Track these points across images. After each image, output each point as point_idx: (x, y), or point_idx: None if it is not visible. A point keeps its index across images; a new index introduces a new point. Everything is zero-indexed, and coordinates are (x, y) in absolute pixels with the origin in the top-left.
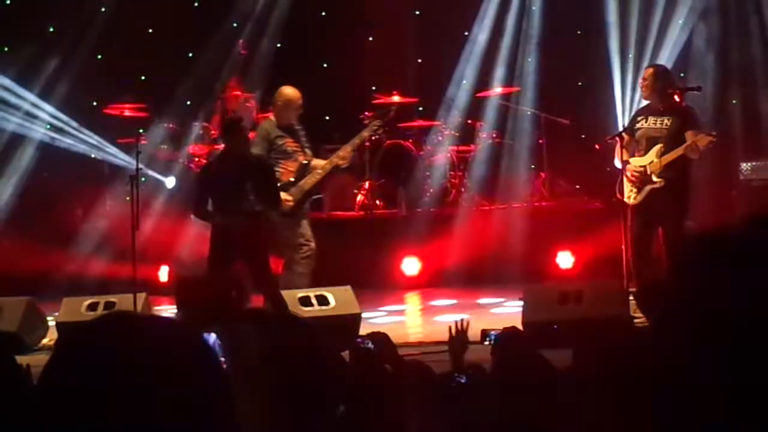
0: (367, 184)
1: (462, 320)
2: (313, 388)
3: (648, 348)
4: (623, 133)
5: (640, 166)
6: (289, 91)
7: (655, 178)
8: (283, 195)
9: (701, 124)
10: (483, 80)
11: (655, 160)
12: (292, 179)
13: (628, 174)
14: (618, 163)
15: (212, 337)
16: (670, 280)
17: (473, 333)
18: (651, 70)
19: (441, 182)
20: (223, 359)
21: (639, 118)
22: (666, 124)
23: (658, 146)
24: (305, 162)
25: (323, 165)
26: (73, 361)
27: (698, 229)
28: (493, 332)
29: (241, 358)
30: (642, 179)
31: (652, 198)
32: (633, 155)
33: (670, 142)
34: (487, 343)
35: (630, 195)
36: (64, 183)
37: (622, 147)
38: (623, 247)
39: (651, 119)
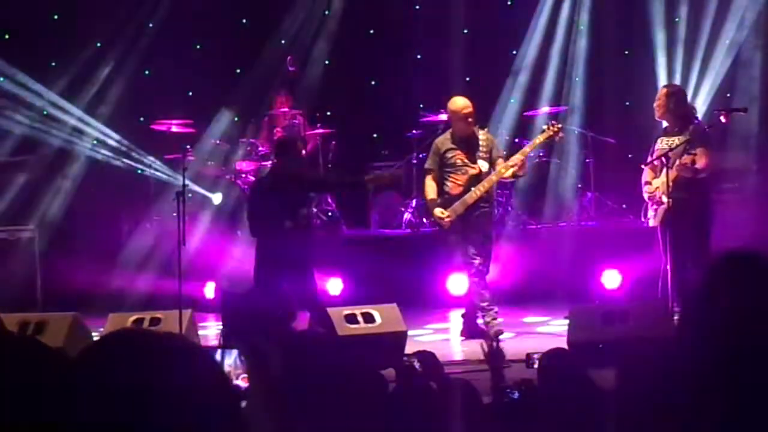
0: (413, 202)
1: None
2: (337, 406)
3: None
4: (649, 156)
5: (655, 188)
6: (453, 102)
7: (664, 199)
8: (438, 211)
9: (709, 143)
10: (530, 99)
11: (664, 178)
12: (459, 193)
13: (646, 196)
14: (643, 186)
15: (234, 354)
16: (690, 300)
17: (516, 351)
18: (664, 90)
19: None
20: (245, 375)
21: (657, 140)
22: (675, 144)
23: (668, 166)
24: (475, 173)
25: (489, 178)
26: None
27: (719, 253)
28: (536, 355)
29: (263, 375)
30: (657, 200)
31: (667, 218)
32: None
33: (678, 162)
34: (531, 365)
35: (651, 216)
36: (111, 199)
37: (649, 170)
38: (667, 267)
39: (665, 140)
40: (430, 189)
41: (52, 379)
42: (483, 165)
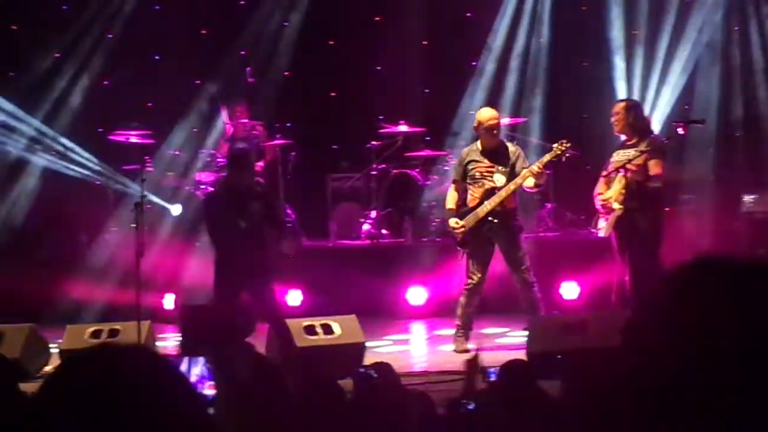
0: (373, 213)
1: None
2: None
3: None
4: (603, 169)
5: (608, 197)
6: (480, 113)
7: (615, 206)
8: (453, 221)
9: (664, 154)
10: None
11: (617, 186)
12: (475, 205)
13: (599, 206)
14: (595, 198)
15: (202, 362)
16: (636, 312)
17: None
18: (623, 104)
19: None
20: (213, 383)
21: (614, 153)
22: (632, 155)
23: (620, 175)
24: (489, 188)
25: (500, 193)
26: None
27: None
28: (491, 370)
29: (231, 383)
30: (608, 210)
31: (619, 226)
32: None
33: (630, 171)
34: (485, 379)
35: (601, 227)
36: (69, 209)
37: (603, 184)
38: (622, 275)
39: (622, 152)
40: (450, 198)
41: (8, 390)
42: (499, 179)
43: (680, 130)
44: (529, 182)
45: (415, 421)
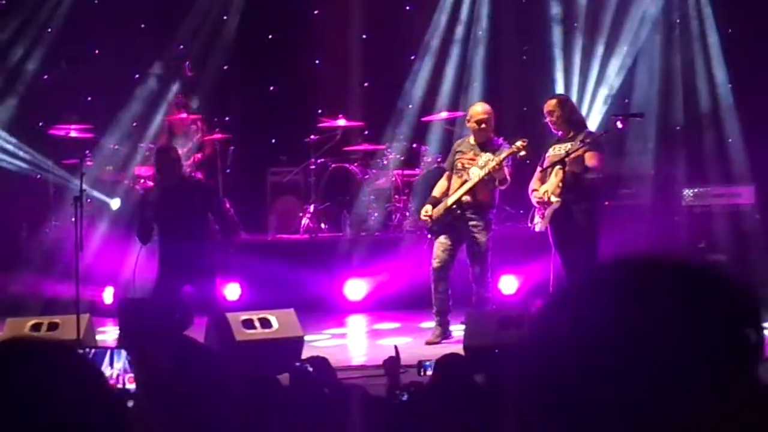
0: (311, 207)
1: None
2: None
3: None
4: (538, 165)
5: (543, 192)
6: (471, 107)
7: (553, 199)
8: (424, 209)
9: (602, 147)
10: (428, 105)
11: (554, 179)
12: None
13: (534, 201)
14: (530, 193)
15: (123, 355)
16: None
17: (410, 356)
18: (554, 101)
19: (385, 206)
20: (131, 375)
21: (550, 148)
22: (567, 149)
23: (557, 169)
24: (462, 180)
25: (463, 186)
26: None
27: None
28: (427, 362)
29: (148, 375)
30: (544, 204)
31: (555, 219)
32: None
33: (568, 164)
34: (422, 373)
35: (538, 222)
36: (8, 203)
37: (537, 179)
38: (563, 272)
39: (557, 147)
40: (437, 186)
41: None
42: (474, 172)
43: (619, 124)
44: (502, 172)
45: (351, 415)
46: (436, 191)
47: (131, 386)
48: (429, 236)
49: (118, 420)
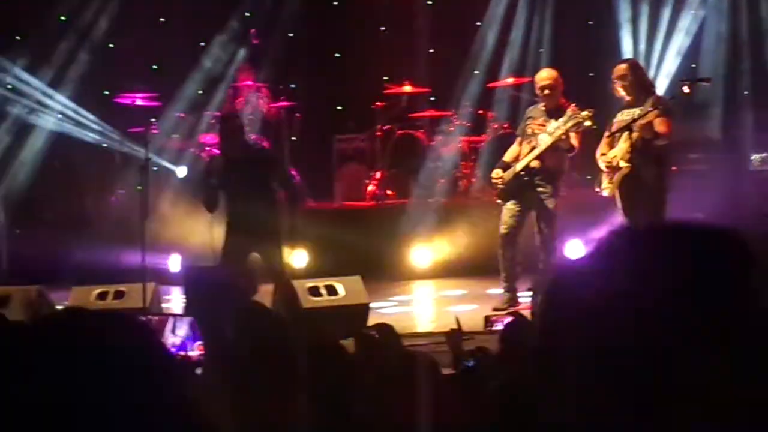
0: (378, 174)
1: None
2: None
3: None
4: (606, 130)
5: (612, 157)
6: (537, 74)
7: (622, 164)
8: (494, 172)
9: (671, 112)
10: (494, 70)
11: (622, 144)
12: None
13: (602, 166)
14: (598, 158)
15: (187, 323)
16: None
17: (477, 323)
18: (625, 65)
19: (452, 172)
20: (201, 343)
21: (618, 113)
22: (636, 114)
23: (626, 134)
24: (531, 146)
25: (533, 152)
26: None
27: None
28: (494, 317)
29: (218, 346)
30: (613, 169)
31: (624, 184)
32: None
33: (637, 129)
34: (488, 327)
35: (606, 187)
36: (75, 172)
37: (605, 144)
38: None
39: (625, 112)
40: (509, 151)
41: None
42: (542, 138)
43: (686, 89)
44: (568, 142)
45: (418, 382)
46: (507, 156)
47: (194, 353)
48: (498, 201)
49: (180, 391)
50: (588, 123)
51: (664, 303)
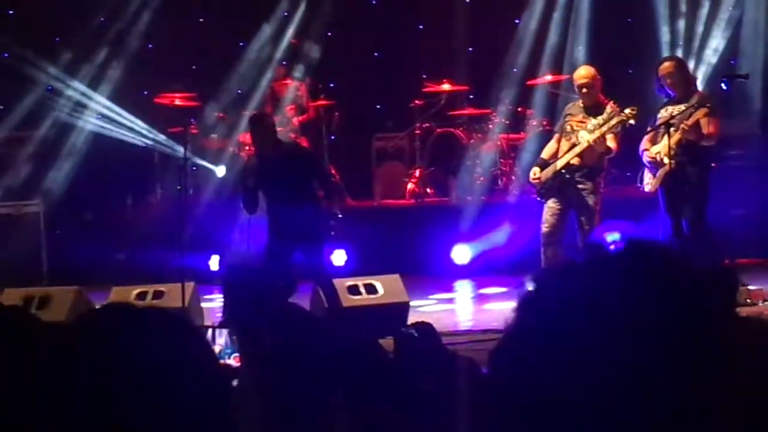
0: (417, 172)
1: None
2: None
3: None
4: (649, 126)
5: (656, 153)
6: (575, 71)
7: (666, 161)
8: (533, 170)
9: (716, 109)
10: (533, 68)
11: (666, 141)
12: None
13: (646, 162)
14: (640, 154)
15: (225, 333)
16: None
17: None
18: (672, 62)
19: (491, 170)
20: (237, 354)
21: (661, 110)
22: (680, 110)
23: (672, 130)
24: (571, 143)
25: (573, 150)
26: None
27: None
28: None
29: (254, 355)
30: (656, 165)
31: (667, 181)
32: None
33: (684, 128)
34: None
35: (648, 183)
36: (115, 172)
37: (647, 140)
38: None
39: (671, 108)
40: (546, 149)
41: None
42: (582, 136)
43: (724, 86)
44: (604, 144)
45: (458, 381)
46: (545, 153)
47: (234, 364)
48: (539, 199)
49: (222, 392)
50: (632, 121)
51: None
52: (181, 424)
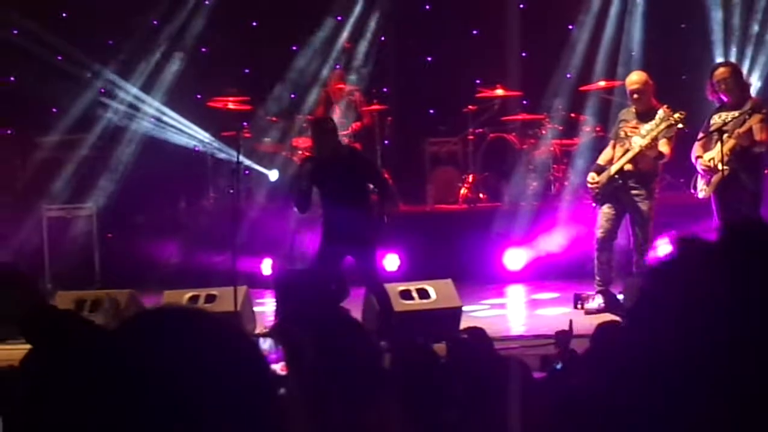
0: (470, 177)
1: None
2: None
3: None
4: (701, 132)
5: (709, 159)
6: (628, 76)
7: (720, 167)
8: (590, 176)
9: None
10: (586, 73)
11: (720, 147)
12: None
13: (699, 168)
14: (693, 160)
15: (266, 343)
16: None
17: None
18: (728, 68)
19: (544, 176)
20: (283, 363)
21: (714, 116)
22: (734, 117)
23: (725, 137)
24: (625, 148)
25: (627, 155)
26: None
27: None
28: (584, 294)
29: (299, 365)
30: (710, 171)
31: (721, 188)
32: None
33: (736, 137)
34: (579, 307)
35: (702, 189)
36: (168, 176)
37: (699, 146)
38: None
39: (723, 114)
40: (603, 154)
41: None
42: (636, 141)
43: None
44: (657, 149)
45: (510, 386)
46: (601, 159)
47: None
48: (593, 205)
49: (274, 401)
50: (680, 126)
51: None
52: (230, 430)
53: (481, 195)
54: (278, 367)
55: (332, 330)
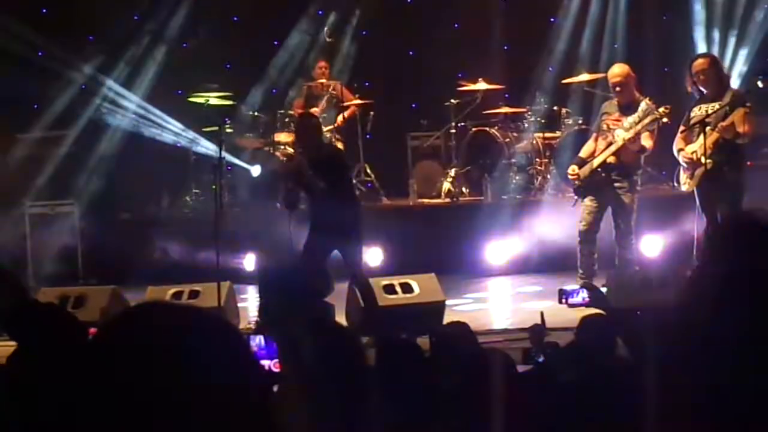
0: (452, 172)
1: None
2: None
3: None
4: (682, 125)
5: (692, 152)
6: (610, 69)
7: (703, 160)
8: (570, 168)
9: (751, 108)
10: (568, 67)
11: (702, 140)
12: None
13: (682, 161)
14: (675, 153)
15: (258, 339)
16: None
17: (553, 319)
18: (707, 59)
19: (526, 169)
20: (277, 360)
21: (694, 108)
22: (715, 108)
23: (707, 130)
24: (607, 141)
25: (609, 148)
26: (107, 349)
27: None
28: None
29: (294, 361)
30: (693, 164)
31: (703, 182)
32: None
33: (719, 128)
34: (563, 302)
35: (685, 182)
36: (150, 171)
37: (681, 138)
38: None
39: (704, 107)
40: (585, 147)
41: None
42: (619, 134)
43: (760, 83)
44: (639, 143)
45: (492, 379)
46: (583, 152)
47: (275, 369)
48: (575, 197)
49: (262, 395)
50: (665, 120)
51: None
52: (220, 425)
53: (463, 189)
54: (272, 364)
55: (313, 331)
